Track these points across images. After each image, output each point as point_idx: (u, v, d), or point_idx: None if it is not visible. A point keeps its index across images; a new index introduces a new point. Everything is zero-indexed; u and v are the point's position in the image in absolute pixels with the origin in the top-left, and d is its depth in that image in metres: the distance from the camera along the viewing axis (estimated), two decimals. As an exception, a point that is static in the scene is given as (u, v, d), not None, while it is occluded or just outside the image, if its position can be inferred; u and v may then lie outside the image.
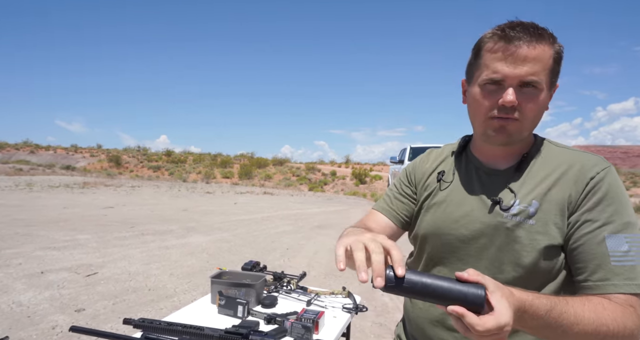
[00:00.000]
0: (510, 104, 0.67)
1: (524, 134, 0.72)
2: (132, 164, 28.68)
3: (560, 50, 0.68)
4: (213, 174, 23.67)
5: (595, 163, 0.69)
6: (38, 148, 35.54)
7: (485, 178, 0.78)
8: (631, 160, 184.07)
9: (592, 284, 0.64)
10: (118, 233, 5.76)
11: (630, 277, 0.62)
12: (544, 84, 0.67)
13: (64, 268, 3.88)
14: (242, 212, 8.85)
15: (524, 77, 0.66)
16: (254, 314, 1.27)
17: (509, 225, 0.71)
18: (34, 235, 5.31)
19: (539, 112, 0.70)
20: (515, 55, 0.65)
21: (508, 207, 0.72)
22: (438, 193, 0.84)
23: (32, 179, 15.88)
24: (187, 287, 3.49)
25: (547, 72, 0.67)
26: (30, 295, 3.10)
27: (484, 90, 0.70)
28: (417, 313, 0.84)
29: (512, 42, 0.66)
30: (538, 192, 0.71)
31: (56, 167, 24.06)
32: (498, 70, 0.67)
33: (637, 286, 0.62)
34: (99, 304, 3.00)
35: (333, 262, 4.78)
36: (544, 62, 0.66)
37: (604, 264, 0.64)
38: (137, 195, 11.73)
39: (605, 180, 0.67)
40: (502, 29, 0.67)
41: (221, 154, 36.33)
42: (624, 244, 0.64)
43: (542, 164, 0.74)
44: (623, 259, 0.63)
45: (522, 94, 0.67)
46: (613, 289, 0.62)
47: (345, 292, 1.49)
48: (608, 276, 0.63)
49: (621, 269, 0.63)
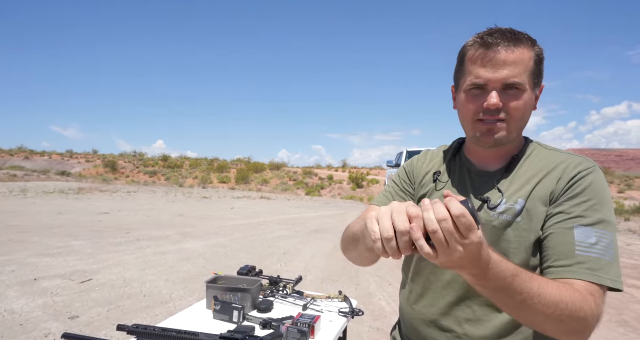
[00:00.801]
0: (495, 107, 0.70)
1: (512, 136, 0.74)
2: (128, 169, 28.56)
3: (540, 53, 0.72)
4: (210, 179, 23.61)
5: (580, 163, 0.71)
6: (33, 154, 35.31)
7: (476, 179, 0.81)
8: (625, 163, 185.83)
9: (554, 269, 0.65)
10: (113, 239, 5.71)
11: (593, 268, 0.63)
12: (526, 84, 0.70)
13: (58, 275, 3.83)
14: (239, 217, 8.81)
15: (506, 79, 0.69)
16: (249, 319, 1.25)
17: (496, 224, 0.73)
18: (27, 242, 5.25)
19: (525, 112, 0.72)
20: (495, 60, 0.69)
21: (495, 206, 0.73)
22: (434, 193, 0.86)
23: (26, 185, 15.74)
24: (183, 293, 3.46)
25: (528, 74, 0.70)
26: (23, 302, 3.06)
27: (469, 96, 0.73)
28: (412, 314, 0.85)
29: (491, 48, 0.69)
30: (524, 191, 0.72)
31: (51, 173, 23.89)
32: (480, 76, 0.70)
33: (597, 277, 0.62)
34: (93, 311, 2.96)
35: (330, 266, 4.79)
36: (524, 64, 0.69)
37: (567, 252, 0.65)
38: (133, 201, 11.66)
39: (587, 178, 0.69)
40: (481, 37, 0.71)
41: (218, 158, 36.30)
42: (592, 236, 0.65)
43: (530, 165, 0.76)
44: (588, 250, 0.64)
45: (507, 96, 0.70)
46: (572, 275, 0.63)
47: (342, 296, 1.48)
48: (570, 263, 0.64)
49: (585, 259, 0.63)
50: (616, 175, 32.73)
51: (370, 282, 4.03)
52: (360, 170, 33.97)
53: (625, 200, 17.92)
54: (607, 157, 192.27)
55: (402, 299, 0.91)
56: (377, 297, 3.55)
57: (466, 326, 0.75)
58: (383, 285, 3.93)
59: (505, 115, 0.71)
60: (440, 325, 0.79)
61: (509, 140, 0.74)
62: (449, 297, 0.78)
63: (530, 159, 0.77)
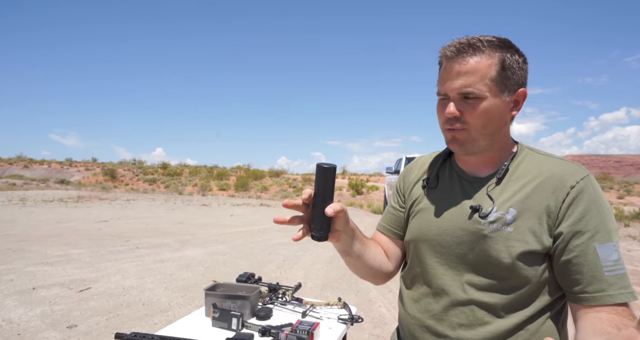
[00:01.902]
0: (451, 115, 0.73)
1: (478, 142, 0.75)
2: (128, 177, 28.53)
3: (506, 58, 0.72)
4: (209, 186, 23.58)
5: (573, 172, 0.71)
6: (32, 162, 35.28)
7: (467, 185, 0.81)
8: (624, 169, 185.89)
9: (589, 295, 0.66)
10: (112, 247, 5.69)
11: (624, 285, 0.64)
12: (484, 92, 0.71)
13: (57, 283, 3.81)
14: (239, 224, 8.79)
15: (459, 89, 0.71)
16: (248, 326, 1.25)
17: (486, 232, 0.73)
18: (26, 251, 5.23)
19: (488, 119, 0.73)
20: (450, 72, 0.72)
21: (486, 215, 0.74)
22: (423, 200, 0.87)
23: (25, 193, 15.71)
24: (182, 301, 3.44)
25: (486, 81, 0.71)
26: (21, 312, 3.04)
27: (439, 105, 0.78)
28: (408, 320, 0.86)
29: (449, 61, 0.73)
30: (516, 199, 0.72)
31: (50, 182, 23.86)
32: (441, 87, 0.75)
33: (630, 294, 0.64)
34: (91, 319, 2.94)
35: (330, 273, 4.78)
36: (480, 72, 0.70)
37: (598, 275, 0.65)
38: (132, 209, 11.63)
39: (586, 190, 0.69)
40: (442, 51, 0.75)
41: (217, 166, 36.28)
42: (613, 252, 0.66)
43: (522, 171, 0.76)
44: (614, 267, 0.65)
45: (466, 105, 0.72)
46: (610, 299, 0.64)
47: (341, 303, 1.48)
48: (604, 287, 0.65)
49: (614, 279, 0.65)
50: (615, 181, 32.74)
51: (370, 288, 4.01)
52: (359, 176, 33.95)
53: (625, 205, 17.89)
54: (606, 162, 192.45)
55: (400, 305, 0.92)
56: (377, 304, 3.53)
57: (460, 331, 0.75)
58: (383, 292, 3.91)
59: (463, 124, 0.73)
60: (434, 330, 0.79)
61: (476, 146, 0.76)
62: (443, 302, 0.78)
63: (523, 165, 0.77)
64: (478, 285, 0.74)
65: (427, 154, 0.97)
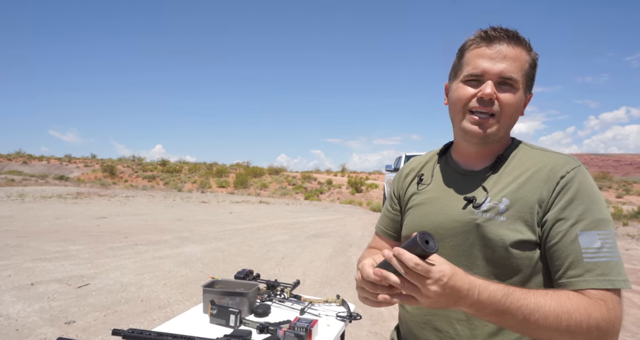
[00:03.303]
0: (489, 97, 0.71)
1: (500, 132, 0.75)
2: (127, 173, 28.49)
3: (536, 58, 0.74)
4: (208, 184, 23.57)
5: (565, 163, 0.72)
6: (31, 158, 35.21)
7: (461, 179, 0.82)
8: (623, 168, 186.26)
9: (566, 280, 0.66)
10: (111, 243, 5.69)
11: (604, 272, 0.63)
12: (520, 83, 0.71)
13: (55, 279, 3.81)
14: (238, 221, 8.79)
15: (503, 72, 0.70)
16: (246, 323, 1.25)
17: (479, 222, 0.73)
18: (24, 247, 5.22)
19: (515, 109, 0.73)
20: (494, 53, 0.71)
21: (479, 204, 0.74)
22: (418, 196, 0.87)
23: (24, 189, 15.69)
24: (181, 298, 3.44)
25: (523, 73, 0.72)
26: (19, 307, 3.04)
27: (464, 85, 0.75)
28: (407, 316, 0.86)
29: (493, 42, 0.71)
30: (509, 190, 0.73)
31: (49, 178, 23.82)
32: (478, 66, 0.72)
33: (609, 282, 0.63)
34: (90, 315, 2.94)
35: (329, 271, 4.77)
36: (521, 62, 0.71)
37: (577, 261, 0.65)
38: (131, 205, 11.62)
39: (575, 179, 0.69)
40: (484, 31, 0.73)
41: (217, 163, 36.26)
42: (596, 240, 0.65)
43: (516, 164, 0.76)
44: (596, 255, 0.64)
45: (500, 90, 0.71)
46: (585, 284, 0.63)
47: (339, 300, 1.48)
48: (581, 273, 0.64)
49: (594, 265, 0.64)
50: (614, 180, 32.79)
51: (369, 286, 4.01)
52: (359, 174, 33.96)
53: (624, 204, 17.94)
54: (605, 161, 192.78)
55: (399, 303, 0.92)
56: (376, 302, 3.53)
57: (457, 326, 0.76)
58: (382, 289, 3.92)
59: (498, 109, 0.72)
60: (433, 325, 0.79)
61: (497, 136, 0.75)
62: None
63: (517, 158, 0.77)
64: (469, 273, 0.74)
65: (422, 154, 0.98)
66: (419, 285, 0.55)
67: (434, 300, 0.56)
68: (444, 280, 0.56)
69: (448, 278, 0.56)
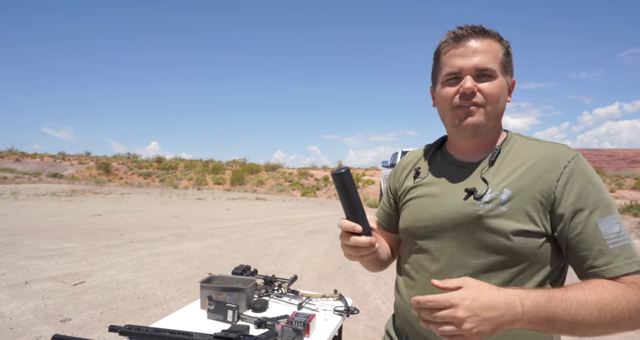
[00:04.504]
0: (469, 90, 0.74)
1: (489, 121, 0.77)
2: (122, 171, 28.30)
3: (508, 46, 0.77)
4: (205, 181, 23.48)
5: (564, 152, 0.73)
6: (24, 156, 34.81)
7: (459, 171, 0.82)
8: (616, 163, 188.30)
9: (597, 270, 0.66)
10: (106, 241, 5.65)
11: (629, 255, 0.65)
12: (497, 72, 0.75)
13: (50, 277, 3.78)
14: (234, 218, 8.77)
15: (478, 65, 0.74)
16: (244, 319, 1.24)
17: (482, 213, 0.74)
18: (18, 245, 5.18)
19: (499, 96, 0.76)
20: (466, 49, 0.75)
21: (481, 196, 0.75)
22: (415, 189, 0.88)
23: (17, 187, 15.53)
24: (178, 294, 3.43)
25: (498, 62, 0.75)
26: (14, 306, 3.01)
27: (446, 86, 0.78)
28: (404, 307, 0.86)
29: (462, 40, 0.75)
30: (510, 180, 0.74)
31: (43, 175, 23.60)
32: (454, 65, 0.76)
33: (636, 263, 0.64)
34: (85, 313, 2.92)
35: (326, 266, 4.78)
36: (493, 52, 0.75)
37: (604, 249, 0.66)
38: (126, 203, 11.55)
39: (578, 168, 0.71)
40: (452, 32, 0.77)
41: (213, 160, 36.07)
42: (614, 225, 0.67)
43: (514, 155, 0.78)
44: (618, 239, 0.66)
45: (480, 82, 0.75)
46: (618, 271, 0.64)
47: (337, 295, 1.48)
48: (611, 259, 0.65)
49: (620, 250, 0.65)
50: (607, 175, 33.13)
51: (366, 281, 4.02)
52: (355, 170, 34.00)
53: (617, 198, 18.14)
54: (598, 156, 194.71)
55: (396, 293, 0.92)
56: (373, 297, 3.54)
57: None
58: (379, 284, 3.93)
59: (481, 100, 0.75)
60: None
61: (486, 126, 0.77)
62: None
63: (514, 149, 0.79)
64: (473, 267, 0.75)
65: (417, 149, 0.99)
66: (449, 318, 0.56)
67: (477, 327, 0.56)
68: (466, 302, 0.56)
69: (471, 299, 0.56)
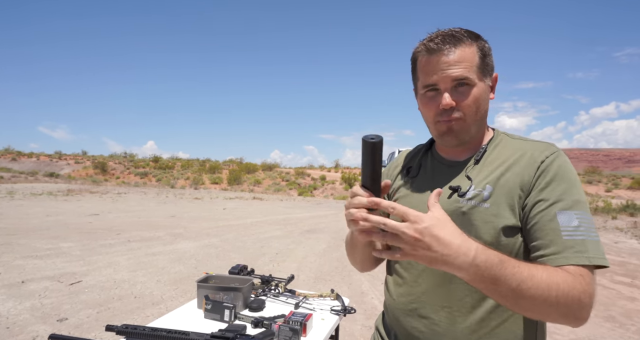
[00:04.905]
0: (448, 106, 0.74)
1: (471, 130, 0.78)
2: (119, 170, 28.18)
3: (483, 46, 0.77)
4: (201, 180, 23.43)
5: (544, 148, 0.75)
6: (20, 155, 34.60)
7: (446, 170, 0.84)
8: (612, 162, 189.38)
9: (546, 258, 0.67)
10: (103, 240, 5.64)
11: (581, 250, 0.65)
12: (475, 79, 0.75)
13: (46, 277, 3.77)
14: (231, 218, 8.77)
15: (454, 78, 0.74)
16: (241, 318, 1.25)
17: (465, 209, 0.75)
18: (14, 244, 5.15)
19: (479, 105, 0.76)
20: (439, 63, 0.74)
21: (464, 193, 0.76)
22: (404, 188, 0.89)
23: (13, 186, 15.44)
24: (175, 294, 3.43)
25: (475, 68, 0.75)
26: (10, 305, 3.00)
27: (425, 99, 0.79)
28: (392, 304, 0.87)
29: (435, 53, 0.75)
30: (492, 177, 0.76)
31: (39, 175, 23.47)
32: (430, 78, 0.76)
33: (587, 258, 0.65)
34: (82, 312, 2.92)
35: (323, 266, 4.79)
36: (468, 60, 0.74)
37: (556, 239, 0.67)
38: (123, 202, 11.51)
39: (554, 163, 0.72)
40: (424, 44, 0.77)
41: (210, 159, 36.00)
42: (574, 219, 0.68)
43: (498, 153, 0.79)
44: (574, 233, 0.67)
45: (458, 94, 0.75)
46: (564, 261, 0.65)
47: (334, 294, 1.49)
48: (560, 249, 0.66)
49: (572, 243, 0.66)
50: (604, 174, 33.26)
51: (363, 280, 4.04)
52: (352, 170, 33.99)
53: (613, 198, 18.23)
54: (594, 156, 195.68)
55: (385, 291, 0.94)
56: (370, 296, 3.56)
57: (442, 313, 0.77)
58: (375, 283, 3.95)
59: (460, 114, 0.75)
60: (418, 312, 0.80)
61: (469, 135, 0.78)
62: (425, 284, 0.80)
63: (498, 148, 0.80)
64: None
65: (410, 149, 1.00)
66: (396, 230, 0.55)
67: (418, 248, 0.56)
68: (422, 224, 0.55)
69: (429, 224, 0.55)
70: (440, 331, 0.77)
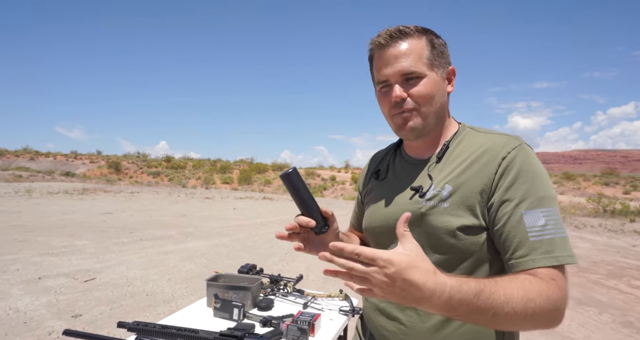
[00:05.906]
0: (399, 98, 0.74)
1: (428, 120, 0.77)
2: (132, 170, 28.69)
3: (432, 39, 0.76)
4: (212, 180, 23.67)
5: (505, 143, 0.72)
6: (38, 155, 35.53)
7: (412, 169, 0.83)
8: (631, 164, 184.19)
9: (514, 262, 0.66)
10: (116, 239, 5.74)
11: (549, 250, 0.64)
12: (425, 70, 0.74)
13: (62, 274, 3.86)
14: (242, 217, 8.83)
15: (402, 71, 0.74)
16: (249, 317, 1.26)
17: (424, 210, 0.74)
18: (32, 241, 5.29)
19: (433, 95, 0.75)
20: (388, 57, 0.75)
21: (424, 193, 0.75)
22: (374, 191, 0.89)
23: (31, 185, 15.86)
24: (185, 292, 3.47)
25: (424, 60, 0.75)
26: (27, 301, 3.08)
27: (380, 95, 0.79)
28: (366, 304, 0.89)
29: (383, 48, 0.76)
30: (452, 176, 0.74)
31: (56, 174, 24.05)
32: (381, 73, 0.76)
33: (554, 259, 0.63)
34: (96, 309, 2.98)
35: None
36: (416, 52, 0.74)
37: (523, 241, 0.65)
38: (136, 201, 11.71)
39: (517, 159, 0.70)
40: (373, 41, 0.78)
41: (221, 159, 36.38)
42: (540, 218, 0.66)
43: (461, 150, 0.78)
44: (541, 233, 0.65)
45: (409, 85, 0.75)
46: (532, 264, 0.64)
47: (342, 294, 1.48)
48: (527, 252, 0.65)
49: (539, 244, 0.64)
50: (622, 176, 32.42)
51: (372, 282, 4.02)
52: (363, 170, 33.87)
53: (631, 200, 17.74)
54: (612, 157, 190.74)
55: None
56: (379, 297, 3.54)
57: (409, 312, 0.77)
58: (385, 285, 3.93)
59: (413, 104, 0.75)
60: (386, 312, 0.81)
61: (426, 126, 0.77)
62: None
63: (462, 143, 0.79)
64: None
65: (384, 148, 0.99)
66: (364, 274, 0.52)
67: (389, 293, 0.53)
68: (391, 269, 0.51)
69: (397, 268, 0.51)
70: (406, 331, 0.77)
